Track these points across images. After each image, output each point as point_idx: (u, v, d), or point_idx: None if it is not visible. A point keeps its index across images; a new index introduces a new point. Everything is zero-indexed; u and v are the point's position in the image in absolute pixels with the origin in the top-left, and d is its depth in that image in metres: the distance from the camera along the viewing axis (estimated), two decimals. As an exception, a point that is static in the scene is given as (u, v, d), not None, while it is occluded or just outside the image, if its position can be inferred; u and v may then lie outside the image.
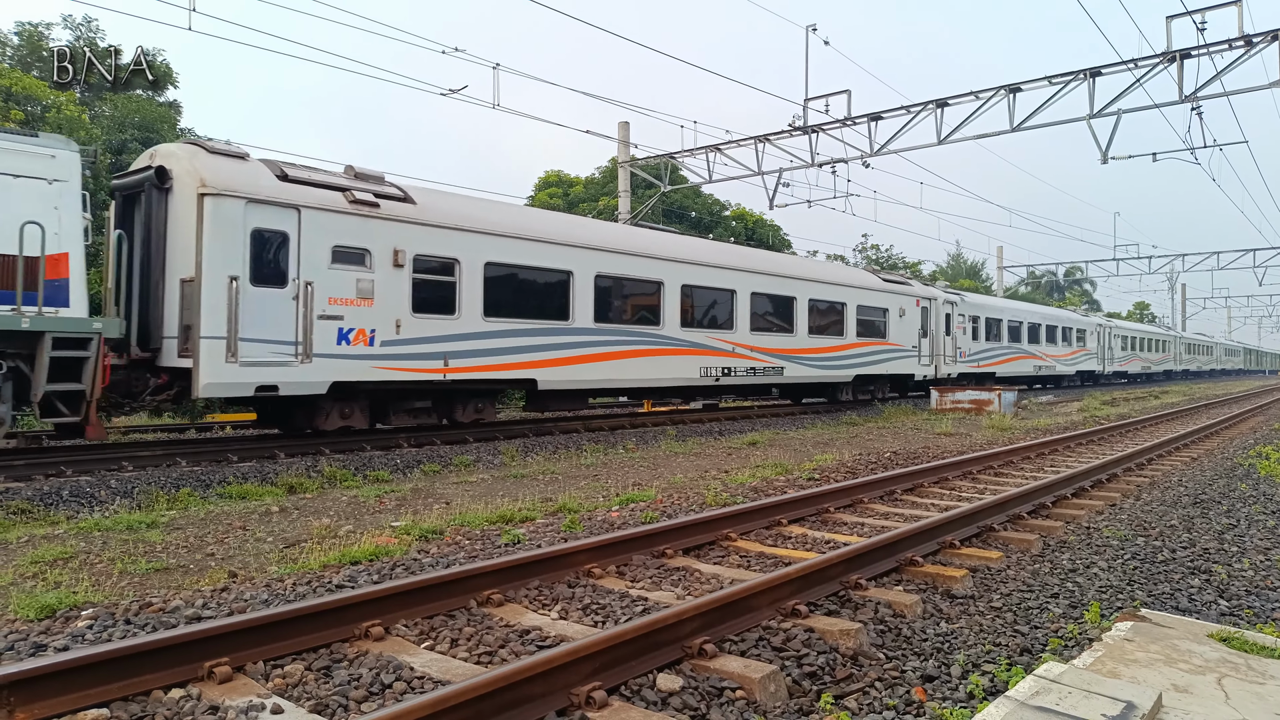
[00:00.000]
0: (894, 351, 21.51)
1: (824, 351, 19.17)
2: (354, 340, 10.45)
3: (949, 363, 24.30)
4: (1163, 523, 6.95)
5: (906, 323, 22.01)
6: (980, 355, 26.88)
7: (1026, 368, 30.68)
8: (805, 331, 18.49)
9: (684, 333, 15.22)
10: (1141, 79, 16.16)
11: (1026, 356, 30.53)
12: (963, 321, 25.19)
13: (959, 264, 61.12)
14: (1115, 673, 3.16)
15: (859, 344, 20.13)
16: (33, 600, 4.36)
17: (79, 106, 22.86)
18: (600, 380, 13.82)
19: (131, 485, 8.25)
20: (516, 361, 12.44)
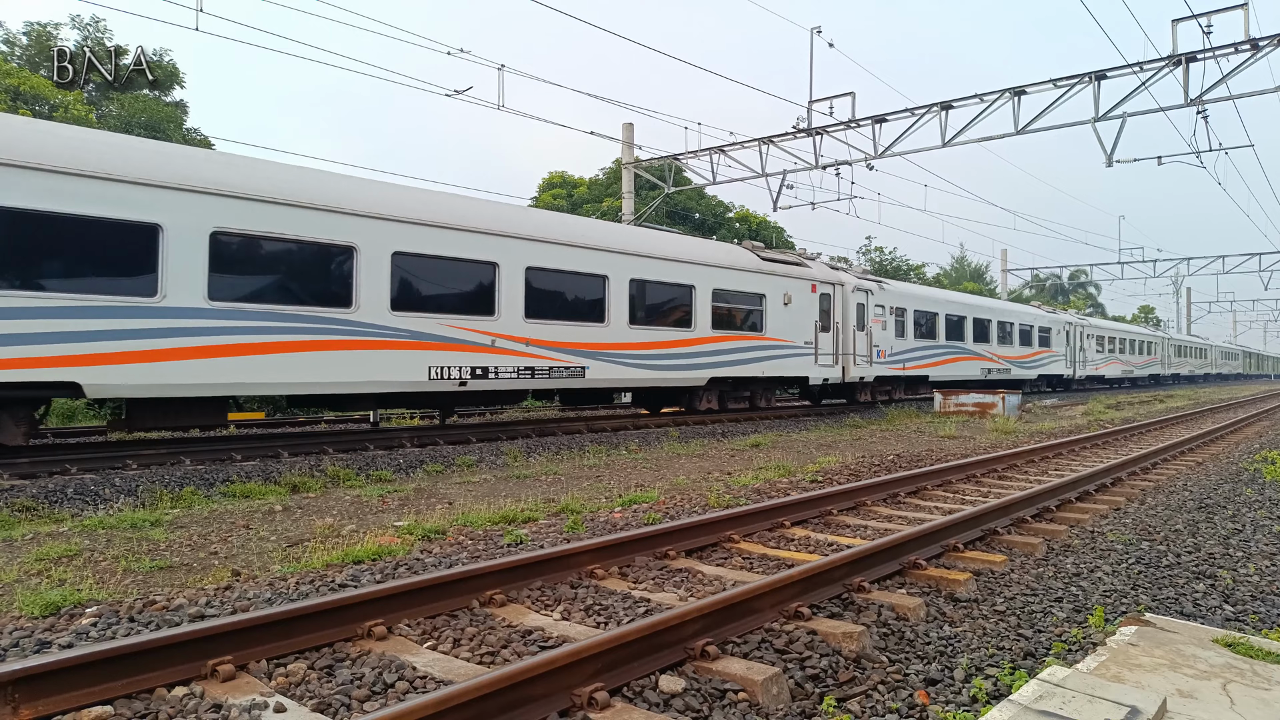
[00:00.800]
0: (775, 349, 16.93)
1: (656, 348, 14.53)
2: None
3: (861, 363, 19.69)
4: (1167, 527, 6.92)
5: (794, 312, 17.39)
6: (908, 355, 21.90)
7: (971, 370, 25.69)
8: (624, 321, 14.07)
9: (399, 319, 10.93)
10: (1147, 82, 16.13)
11: (971, 358, 25.62)
12: (881, 314, 20.33)
13: (963, 267, 61.03)
14: (1119, 677, 3.15)
15: (716, 338, 15.61)
16: (37, 597, 4.38)
17: (86, 106, 22.96)
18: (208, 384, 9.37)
19: (135, 483, 8.27)
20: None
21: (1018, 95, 17.45)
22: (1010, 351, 28.94)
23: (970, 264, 61.20)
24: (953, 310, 25.29)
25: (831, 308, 18.70)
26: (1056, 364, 33.38)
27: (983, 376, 26.46)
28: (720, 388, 16.71)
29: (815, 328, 18.11)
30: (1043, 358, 32.02)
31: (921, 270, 50.50)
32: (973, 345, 26.10)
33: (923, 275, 49.77)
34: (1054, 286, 60.56)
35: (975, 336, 26.27)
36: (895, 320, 21.59)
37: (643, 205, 24.68)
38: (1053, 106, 17.16)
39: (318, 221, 10.20)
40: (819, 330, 18.23)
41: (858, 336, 19.68)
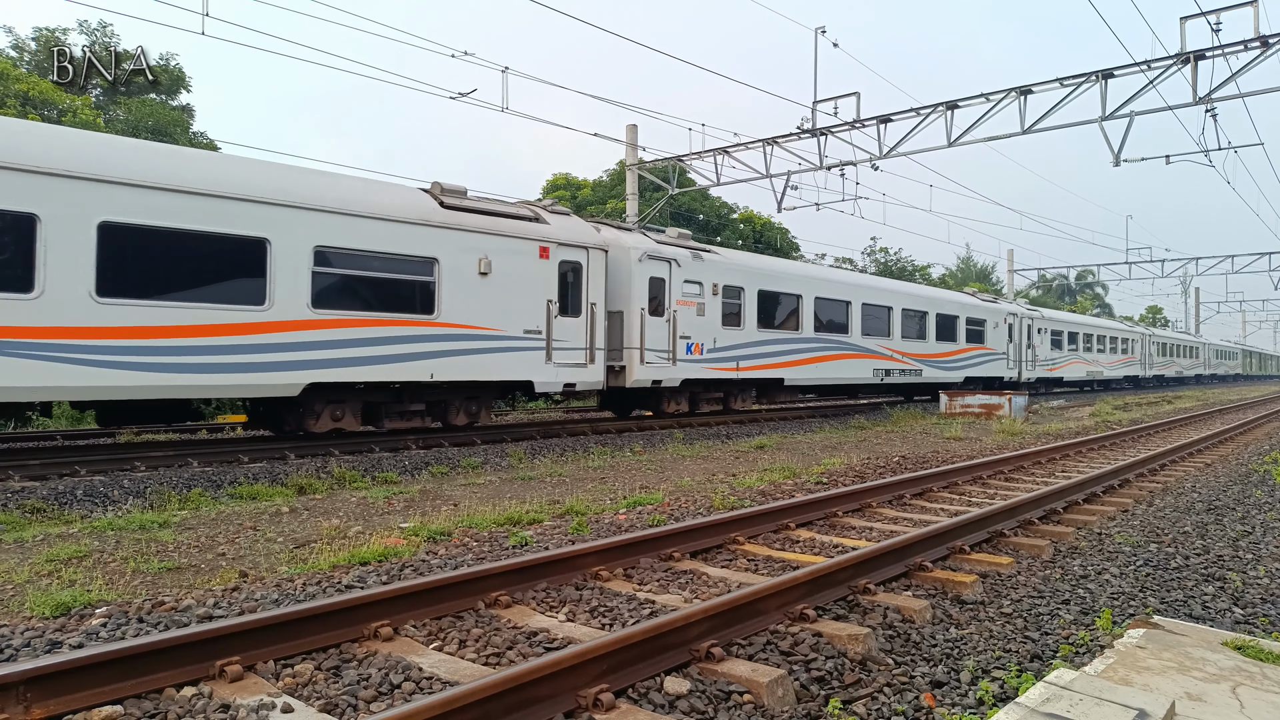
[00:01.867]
0: (459, 339, 11.89)
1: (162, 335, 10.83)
2: None
3: (658, 361, 14.81)
4: (1176, 529, 6.89)
5: (502, 286, 12.40)
6: (746, 351, 16.67)
7: (855, 371, 19.84)
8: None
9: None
10: (1155, 81, 16.06)
11: (857, 355, 19.82)
12: (697, 294, 15.53)
13: (969, 267, 60.86)
14: (1127, 680, 3.14)
15: (317, 322, 10.33)
16: (48, 598, 4.41)
17: (94, 111, 23.13)
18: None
19: (144, 485, 8.31)
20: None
21: (1024, 94, 17.39)
22: (922, 348, 22.63)
23: (976, 264, 61.04)
24: (827, 292, 19.19)
25: (585, 282, 13.12)
26: (994, 363, 26.82)
27: (877, 380, 20.66)
28: (331, 397, 10.92)
29: (548, 310, 12.60)
30: (971, 356, 25.31)
31: (927, 271, 50.35)
32: (861, 339, 20.08)
33: (928, 275, 49.60)
34: (1061, 287, 60.31)
35: (866, 328, 20.33)
36: (725, 303, 16.13)
37: (647, 207, 24.70)
38: (1059, 106, 17.10)
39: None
40: (556, 314, 12.70)
41: (650, 324, 14.33)
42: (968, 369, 25.29)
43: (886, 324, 21.37)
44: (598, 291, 13.54)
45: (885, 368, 21.10)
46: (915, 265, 49.47)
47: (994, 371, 27.05)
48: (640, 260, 14.48)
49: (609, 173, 33.63)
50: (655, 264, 14.76)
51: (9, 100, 19.82)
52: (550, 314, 12.74)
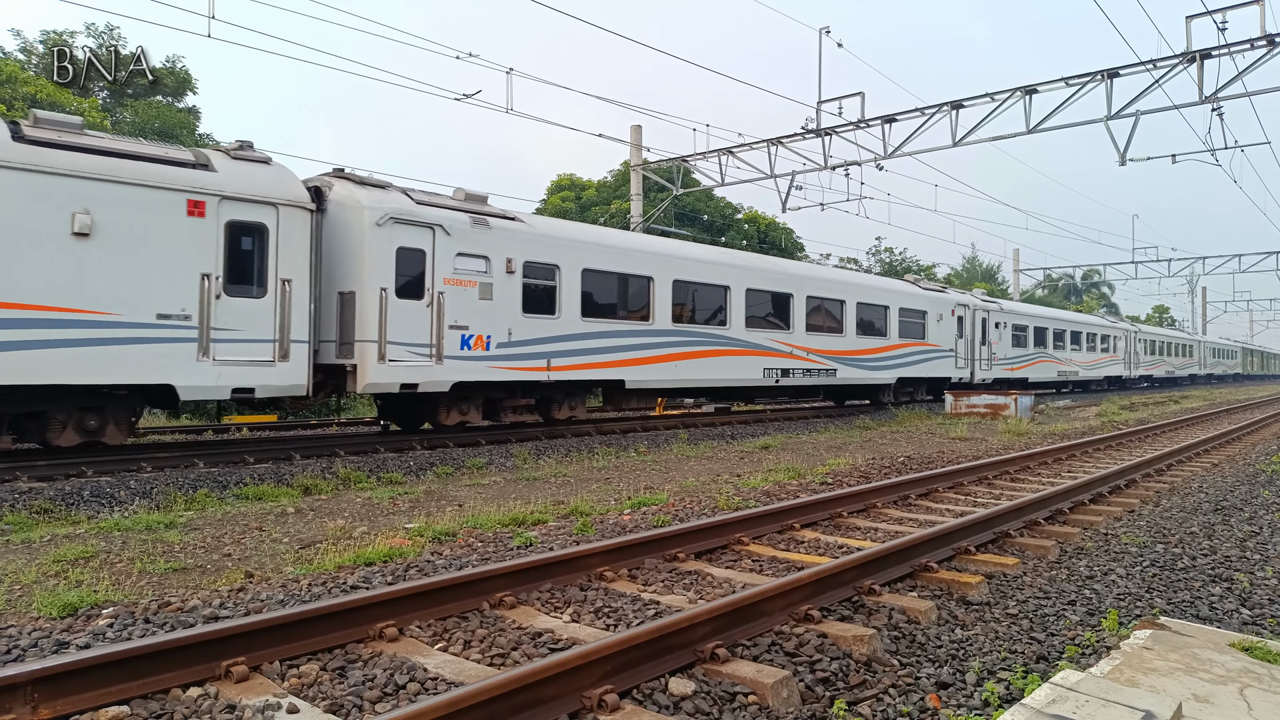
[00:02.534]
0: None
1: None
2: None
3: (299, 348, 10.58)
4: (1183, 530, 6.86)
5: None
6: (535, 348, 12.70)
7: (737, 371, 16.34)
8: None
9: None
10: (1161, 80, 16.00)
11: (739, 352, 16.24)
12: (480, 273, 11.90)
13: (974, 267, 60.70)
14: (1134, 681, 3.13)
15: None
16: (55, 598, 4.43)
17: (101, 113, 23.22)
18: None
19: (150, 486, 8.35)
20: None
21: (1029, 94, 17.34)
22: (837, 344, 19.00)
23: (982, 264, 60.88)
24: (694, 274, 15.56)
25: (272, 250, 9.96)
26: (936, 362, 22.97)
27: (770, 382, 17.08)
28: None
29: (204, 287, 9.38)
30: (907, 354, 21.62)
31: (932, 270, 50.23)
32: (746, 333, 16.41)
33: (933, 275, 49.47)
34: (1067, 286, 60.12)
35: (754, 319, 16.72)
36: (528, 284, 12.58)
37: (651, 207, 24.70)
38: (1064, 105, 17.05)
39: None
40: (219, 293, 9.52)
41: (398, 309, 11.01)
42: (902, 368, 21.47)
43: (786, 315, 17.65)
44: (295, 263, 10.06)
45: (782, 367, 17.33)
46: (920, 265, 49.38)
47: (938, 371, 23.10)
48: (380, 224, 10.80)
49: (614, 173, 33.63)
50: (406, 230, 11.11)
51: (17, 103, 19.93)
52: (208, 292, 9.32)
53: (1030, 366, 29.29)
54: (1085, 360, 34.55)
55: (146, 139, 21.86)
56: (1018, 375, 28.26)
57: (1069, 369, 32.77)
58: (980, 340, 25.49)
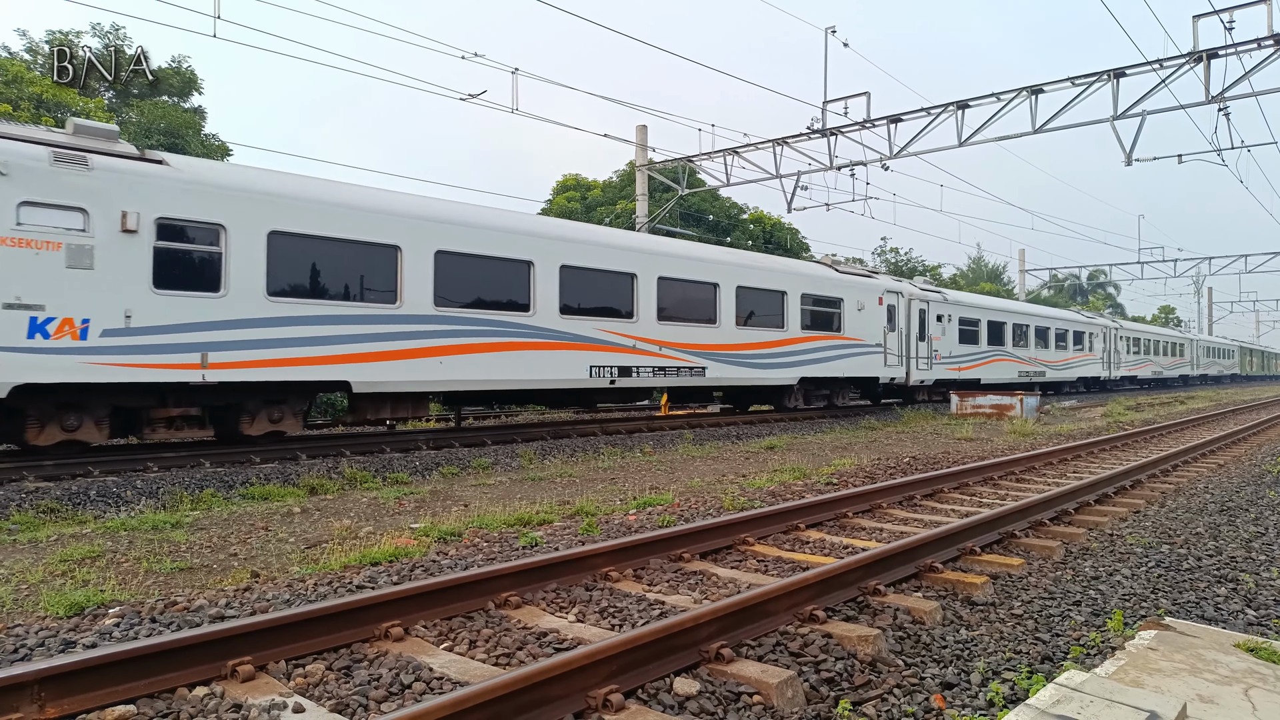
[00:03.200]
0: None
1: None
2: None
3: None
4: (1188, 530, 6.84)
5: None
6: (169, 338, 9.14)
7: (545, 369, 12.78)
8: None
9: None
10: (1167, 79, 15.94)
11: (550, 345, 12.81)
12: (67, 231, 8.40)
13: (980, 267, 60.57)
14: (1138, 682, 3.12)
15: None
16: (62, 598, 4.45)
17: (107, 113, 23.32)
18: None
19: (156, 486, 8.38)
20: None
21: (1035, 94, 17.30)
22: (709, 337, 15.58)
23: (987, 264, 60.75)
24: (474, 244, 12.00)
25: None
26: (858, 359, 19.40)
27: (602, 383, 13.65)
28: None
29: None
30: (813, 349, 18.11)
31: (938, 271, 50.15)
32: (561, 321, 12.96)
33: (938, 276, 49.40)
34: (1073, 286, 59.91)
35: (572, 305, 13.20)
36: (159, 248, 9.26)
37: (657, 207, 24.70)
38: (1070, 105, 17.01)
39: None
40: None
41: None
42: (805, 365, 17.90)
43: (630, 300, 14.16)
44: None
45: (617, 364, 13.78)
46: (926, 265, 49.29)
47: (859, 370, 19.56)
48: None
49: (619, 173, 33.66)
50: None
51: (23, 104, 20.03)
52: None
53: (982, 366, 25.27)
54: (1056, 359, 30.49)
55: (155, 139, 21.92)
56: (967, 376, 24.46)
57: (1033, 369, 28.86)
58: (919, 335, 21.94)
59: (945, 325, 23.48)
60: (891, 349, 20.77)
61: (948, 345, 23.59)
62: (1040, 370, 29.39)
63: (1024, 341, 28.33)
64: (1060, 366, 31.15)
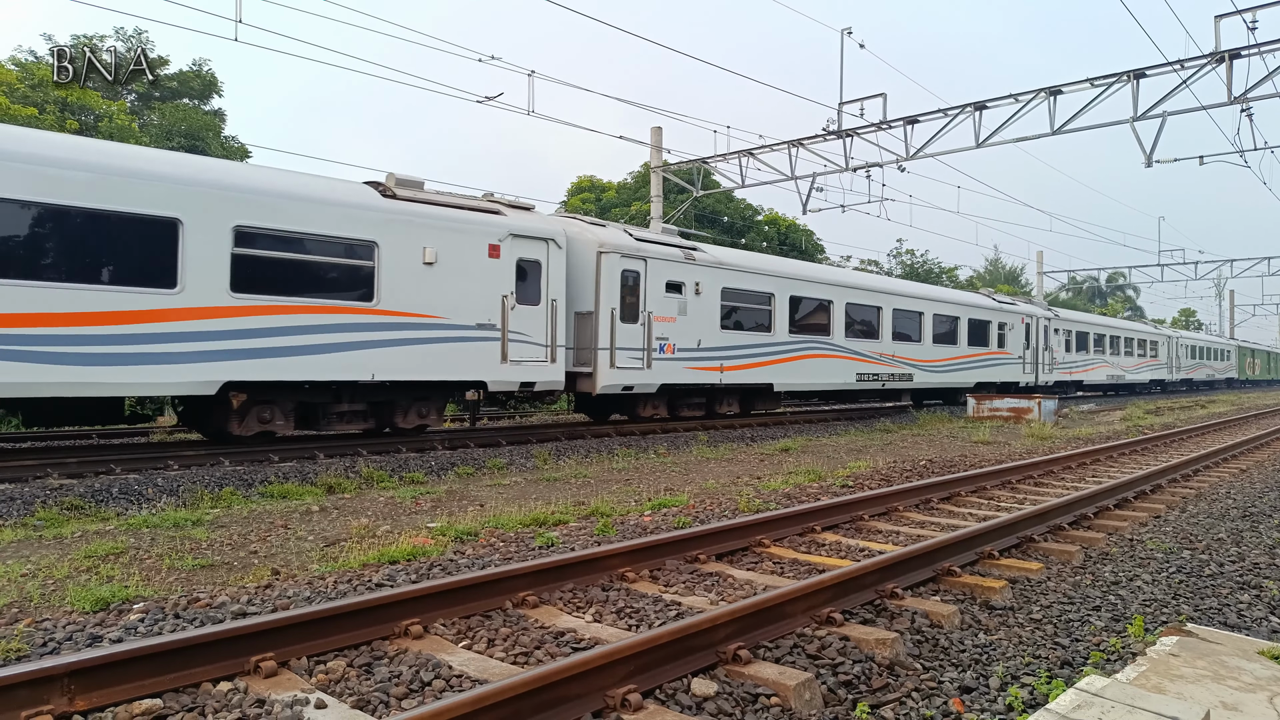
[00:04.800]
0: None
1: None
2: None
3: None
4: (1210, 536, 6.76)
5: None
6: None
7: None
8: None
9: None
10: (1188, 80, 15.76)
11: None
12: None
13: (997, 269, 60.09)
14: (1160, 688, 3.09)
15: None
16: (88, 593, 4.52)
17: (129, 116, 23.65)
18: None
19: (177, 484, 8.48)
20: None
21: (1054, 95, 17.16)
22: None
23: (1005, 266, 60.25)
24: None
25: None
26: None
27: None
28: None
29: None
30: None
31: (954, 273, 49.80)
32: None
33: (955, 278, 49.05)
34: (1091, 289, 59.31)
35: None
36: None
37: (671, 209, 24.71)
38: (1090, 106, 16.84)
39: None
40: None
41: None
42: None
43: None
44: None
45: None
46: (942, 267, 48.97)
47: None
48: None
49: (634, 175, 33.70)
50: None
51: (49, 106, 20.36)
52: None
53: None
54: (965, 353, 23.48)
55: (176, 142, 22.20)
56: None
57: (944, 371, 23.98)
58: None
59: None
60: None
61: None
62: (956, 366, 22.99)
63: (915, 336, 21.85)
64: (976, 363, 23.72)
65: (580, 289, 13.53)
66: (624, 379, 13.87)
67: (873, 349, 19.81)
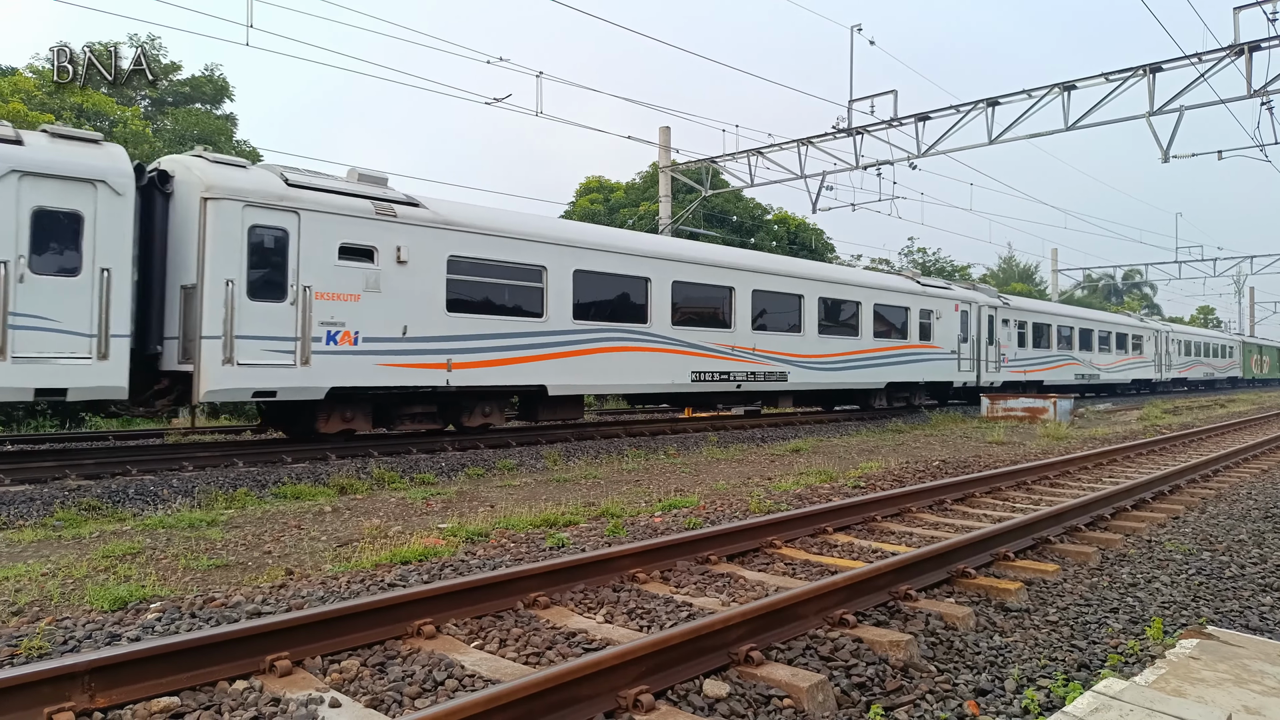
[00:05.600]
0: None
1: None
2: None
3: None
4: (1230, 537, 6.68)
5: None
6: None
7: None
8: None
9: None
10: (1206, 74, 15.60)
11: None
12: None
13: (1011, 267, 59.66)
14: (1180, 691, 3.05)
15: None
16: (105, 592, 4.57)
17: (143, 121, 23.88)
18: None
19: (192, 484, 8.56)
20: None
21: (1067, 90, 17.02)
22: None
23: (1019, 264, 59.82)
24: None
25: None
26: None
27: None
28: None
29: None
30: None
31: (967, 271, 49.48)
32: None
33: (968, 276, 48.73)
34: (1107, 287, 58.76)
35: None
36: None
37: (680, 208, 24.68)
38: (1105, 101, 16.71)
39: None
40: None
41: None
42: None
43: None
44: None
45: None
46: (955, 265, 48.66)
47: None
48: None
49: (643, 175, 33.70)
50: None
51: (65, 112, 20.59)
52: None
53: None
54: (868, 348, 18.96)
55: (187, 146, 22.42)
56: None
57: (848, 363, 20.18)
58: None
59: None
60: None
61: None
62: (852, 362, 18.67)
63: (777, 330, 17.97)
64: (884, 360, 19.64)
65: (186, 253, 9.52)
66: (254, 381, 9.70)
67: (719, 340, 15.41)
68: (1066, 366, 28.23)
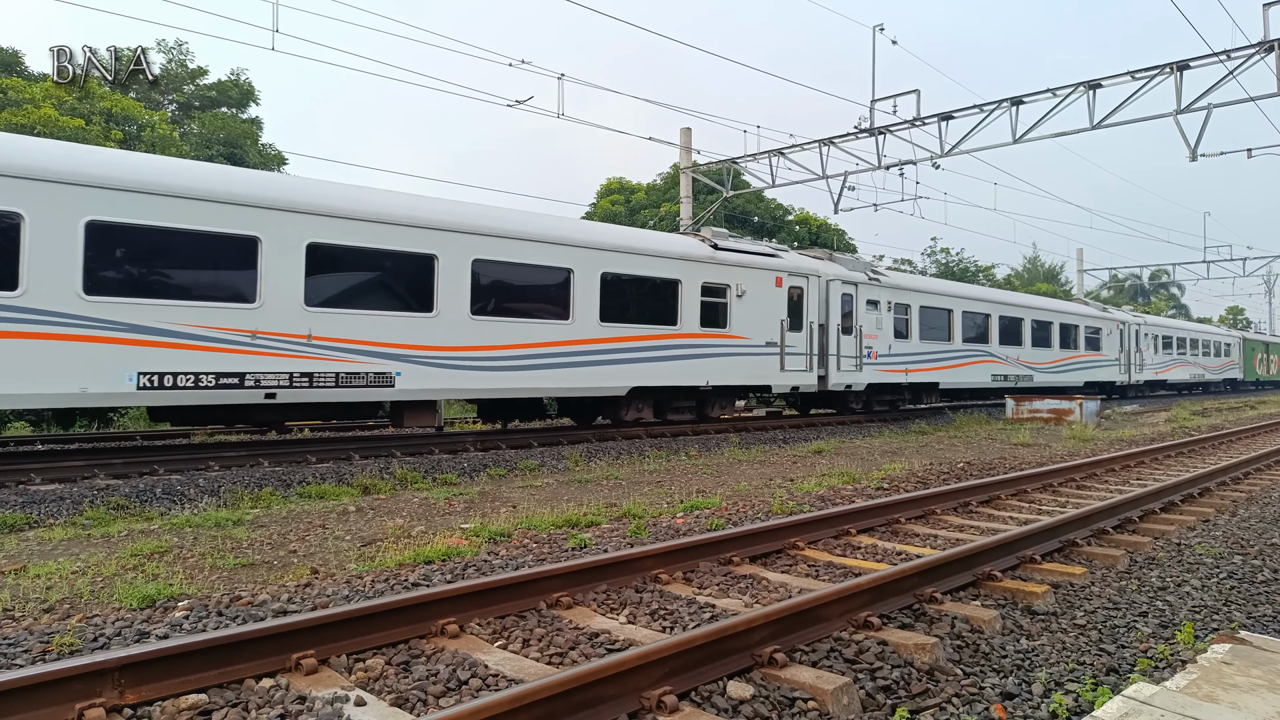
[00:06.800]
0: None
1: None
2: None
3: None
4: (1263, 540, 6.54)
5: None
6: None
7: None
8: None
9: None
10: (1235, 71, 15.29)
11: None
12: None
13: (1036, 267, 58.92)
14: (1212, 697, 2.99)
15: None
16: (134, 590, 4.65)
17: (170, 125, 24.28)
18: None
19: (218, 484, 8.68)
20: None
21: (1093, 89, 16.77)
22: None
23: (1044, 264, 59.06)
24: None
25: None
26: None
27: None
28: None
29: None
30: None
31: (991, 271, 48.92)
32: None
33: (992, 276, 48.17)
34: (1133, 287, 57.83)
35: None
36: None
37: (701, 209, 24.65)
38: (1131, 100, 16.43)
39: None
40: None
41: None
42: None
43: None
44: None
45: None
46: (978, 266, 48.15)
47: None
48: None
49: (663, 176, 33.69)
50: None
51: (94, 117, 20.99)
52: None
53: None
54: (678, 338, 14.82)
55: (214, 150, 22.70)
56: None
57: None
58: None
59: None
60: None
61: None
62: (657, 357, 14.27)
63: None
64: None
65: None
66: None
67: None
68: (978, 365, 21.94)
